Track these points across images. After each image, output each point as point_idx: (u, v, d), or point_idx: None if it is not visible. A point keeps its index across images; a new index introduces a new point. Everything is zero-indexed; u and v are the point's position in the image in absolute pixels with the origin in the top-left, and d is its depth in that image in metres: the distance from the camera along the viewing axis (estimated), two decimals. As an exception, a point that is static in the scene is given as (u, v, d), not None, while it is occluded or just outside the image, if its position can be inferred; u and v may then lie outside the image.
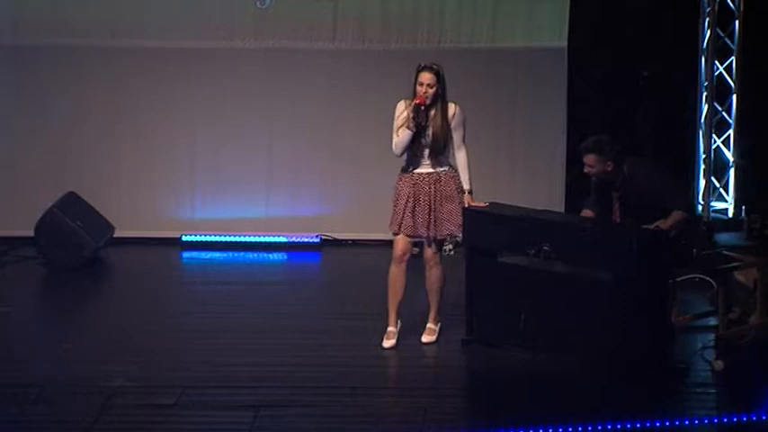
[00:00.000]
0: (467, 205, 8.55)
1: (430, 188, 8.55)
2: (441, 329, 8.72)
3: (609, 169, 8.64)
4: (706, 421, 7.19)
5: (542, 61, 11.49)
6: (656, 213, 8.65)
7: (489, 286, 8.47)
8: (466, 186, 8.60)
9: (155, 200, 11.63)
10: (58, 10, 11.44)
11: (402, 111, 8.50)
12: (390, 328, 8.65)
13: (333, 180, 11.56)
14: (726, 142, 11.45)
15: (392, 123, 8.56)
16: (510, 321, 8.32)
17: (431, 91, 8.43)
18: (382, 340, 8.61)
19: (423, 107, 8.41)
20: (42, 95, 11.50)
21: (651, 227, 8.64)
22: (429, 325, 8.72)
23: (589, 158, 8.67)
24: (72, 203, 11.11)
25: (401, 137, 8.46)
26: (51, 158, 11.54)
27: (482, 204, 8.62)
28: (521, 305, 8.27)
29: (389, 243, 11.44)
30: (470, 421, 7.36)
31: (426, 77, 8.45)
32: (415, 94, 8.46)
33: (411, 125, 8.42)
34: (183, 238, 11.60)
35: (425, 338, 8.67)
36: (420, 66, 8.55)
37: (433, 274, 8.67)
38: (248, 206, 11.66)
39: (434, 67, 8.52)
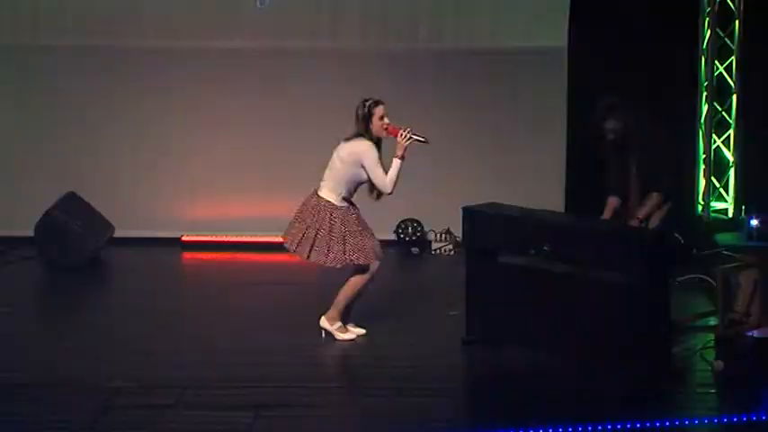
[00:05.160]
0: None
1: (358, 216, 8.63)
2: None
3: (629, 126, 8.76)
4: (706, 421, 7.19)
5: (542, 61, 11.51)
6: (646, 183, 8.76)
7: (489, 286, 8.47)
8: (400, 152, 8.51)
9: (155, 200, 11.65)
10: (57, 10, 11.46)
11: (376, 151, 8.44)
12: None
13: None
14: (726, 142, 11.46)
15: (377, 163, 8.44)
16: (510, 321, 8.32)
17: None
18: (354, 338, 8.70)
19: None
20: (42, 95, 11.52)
21: (635, 217, 8.75)
22: (351, 326, 8.78)
23: (610, 123, 8.76)
24: (72, 203, 11.12)
25: (396, 171, 8.43)
26: (51, 158, 11.56)
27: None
28: (521, 305, 8.27)
29: (389, 243, 11.48)
30: (470, 421, 7.36)
31: (384, 109, 8.47)
32: (370, 130, 8.42)
33: (403, 154, 8.40)
34: (183, 238, 11.61)
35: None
36: (372, 101, 8.49)
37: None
38: (248, 206, 11.67)
39: None
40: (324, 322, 8.70)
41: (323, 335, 8.69)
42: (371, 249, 8.58)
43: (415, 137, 8.42)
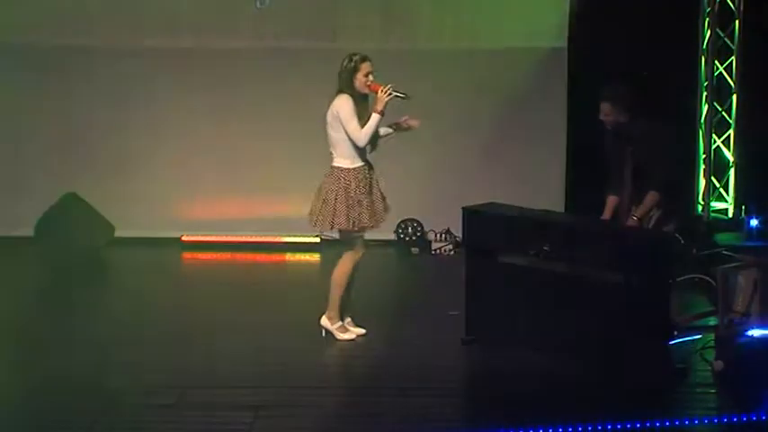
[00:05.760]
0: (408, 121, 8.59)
1: (372, 178, 8.59)
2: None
3: (622, 120, 8.75)
4: (706, 421, 7.19)
5: (542, 61, 11.51)
6: (644, 181, 8.78)
7: (489, 286, 8.47)
8: (392, 128, 8.65)
9: (155, 200, 11.64)
10: (58, 10, 11.46)
11: (352, 104, 8.46)
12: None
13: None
14: (726, 142, 11.47)
15: (353, 120, 8.46)
16: (510, 321, 8.32)
17: None
18: (354, 338, 8.71)
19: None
20: (43, 95, 11.52)
21: (632, 216, 8.76)
22: (351, 326, 8.79)
23: (604, 106, 8.77)
24: (72, 203, 11.12)
25: (372, 124, 8.42)
26: (51, 158, 11.56)
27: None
28: (521, 305, 8.27)
29: (389, 243, 11.48)
30: (470, 421, 7.36)
31: (370, 66, 8.49)
32: (353, 86, 8.46)
33: (382, 109, 8.40)
34: (183, 238, 11.61)
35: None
36: (360, 56, 8.54)
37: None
38: (248, 206, 11.67)
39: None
40: (324, 322, 8.71)
41: (323, 334, 8.69)
42: (358, 217, 8.51)
43: (396, 93, 8.43)
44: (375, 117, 8.41)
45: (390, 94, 8.40)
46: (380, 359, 8.38)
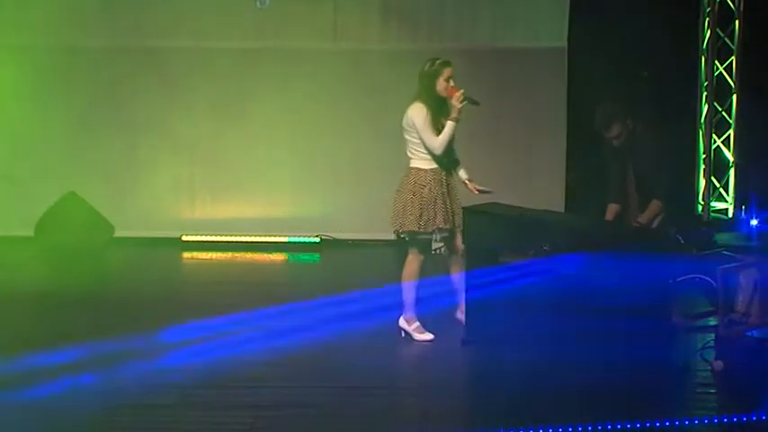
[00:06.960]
0: (476, 190, 8.63)
1: (449, 181, 8.62)
2: None
3: (631, 127, 8.81)
4: (706, 421, 7.19)
5: (542, 61, 11.51)
6: (647, 189, 8.76)
7: (489, 286, 8.46)
8: (466, 176, 8.71)
9: (155, 200, 11.64)
10: (57, 10, 11.46)
11: (426, 113, 8.47)
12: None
13: (333, 180, 11.58)
14: (726, 142, 11.47)
15: (423, 126, 8.47)
16: (510, 321, 8.31)
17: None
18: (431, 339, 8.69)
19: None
20: (42, 95, 11.51)
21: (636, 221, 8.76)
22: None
23: (613, 130, 8.81)
24: (72, 203, 11.12)
25: (448, 132, 8.46)
26: (51, 158, 11.55)
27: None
28: (521, 305, 8.26)
29: (389, 243, 11.46)
30: (470, 421, 7.36)
31: (452, 71, 8.51)
32: (434, 90, 8.47)
33: (457, 116, 8.44)
34: (183, 238, 11.61)
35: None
36: (442, 60, 8.55)
37: (459, 263, 8.65)
38: (248, 206, 11.67)
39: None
40: (402, 323, 8.71)
41: (402, 335, 8.68)
42: (429, 219, 8.53)
43: (468, 99, 8.47)
44: (450, 125, 8.47)
45: (464, 100, 8.45)
46: (381, 359, 8.37)
